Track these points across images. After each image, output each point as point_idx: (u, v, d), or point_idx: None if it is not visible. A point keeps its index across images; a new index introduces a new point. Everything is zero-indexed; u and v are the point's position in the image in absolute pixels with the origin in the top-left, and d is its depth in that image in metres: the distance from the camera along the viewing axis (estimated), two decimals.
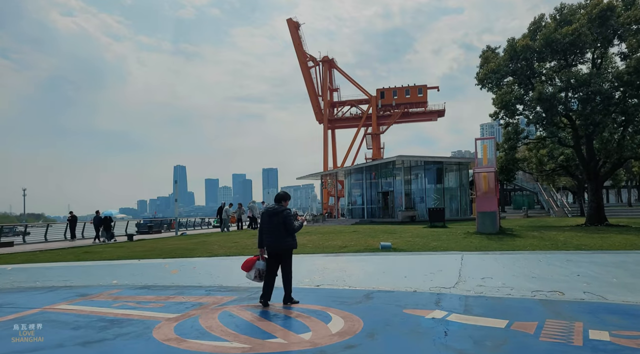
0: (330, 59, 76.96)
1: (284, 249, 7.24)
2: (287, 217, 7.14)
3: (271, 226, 7.14)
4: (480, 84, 22.96)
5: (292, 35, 75.69)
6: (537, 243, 13.39)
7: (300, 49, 75.66)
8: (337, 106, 78.63)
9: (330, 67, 77.23)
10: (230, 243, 16.00)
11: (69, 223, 25.63)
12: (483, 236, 15.56)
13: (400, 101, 73.88)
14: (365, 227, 23.05)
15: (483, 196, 16.67)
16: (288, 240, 7.20)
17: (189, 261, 11.51)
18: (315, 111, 77.04)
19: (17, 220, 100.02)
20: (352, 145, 76.03)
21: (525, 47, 20.92)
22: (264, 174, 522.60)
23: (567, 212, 43.06)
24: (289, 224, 7.12)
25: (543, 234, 16.01)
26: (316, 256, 11.87)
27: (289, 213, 7.42)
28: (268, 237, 7.19)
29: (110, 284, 9.66)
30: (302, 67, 75.78)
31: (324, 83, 75.93)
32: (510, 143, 22.65)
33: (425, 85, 74.53)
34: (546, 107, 20.87)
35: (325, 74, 76.19)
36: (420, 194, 39.99)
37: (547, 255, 11.00)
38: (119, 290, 8.96)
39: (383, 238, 15.78)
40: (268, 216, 7.23)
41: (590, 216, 22.50)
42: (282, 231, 7.09)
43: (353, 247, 13.29)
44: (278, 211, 7.17)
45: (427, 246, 13.30)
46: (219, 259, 11.75)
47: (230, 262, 11.14)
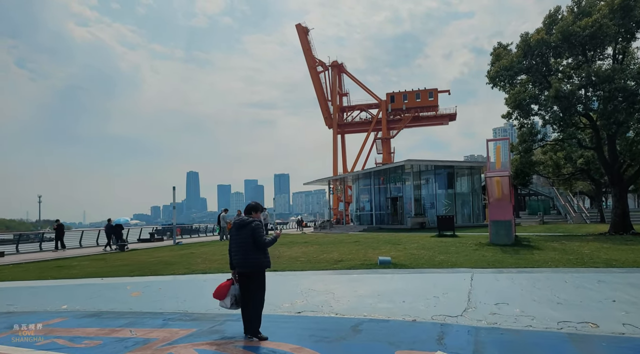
0: (340, 64, 75.52)
1: (252, 268, 5.85)
2: (256, 230, 5.80)
3: (239, 241, 5.85)
4: (492, 83, 21.21)
5: (301, 41, 74.46)
6: (560, 258, 11.65)
7: (309, 54, 74.38)
8: (346, 111, 77.03)
9: (339, 72, 75.76)
10: (217, 256, 14.52)
11: (56, 233, 24.20)
12: (497, 248, 13.83)
13: (410, 105, 72.01)
14: (370, 236, 21.41)
15: (496, 202, 14.95)
16: (257, 257, 5.83)
17: (160, 280, 10.03)
18: (324, 116, 75.57)
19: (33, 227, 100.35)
20: (362, 150, 74.32)
21: (540, 41, 19.16)
22: (276, 179, 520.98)
23: (585, 218, 40.79)
24: (257, 238, 5.77)
25: (565, 246, 14.22)
26: (304, 274, 10.30)
27: (258, 225, 5.97)
28: (236, 254, 5.87)
29: (59, 309, 8.20)
30: (312, 72, 74.45)
31: (333, 88, 74.46)
32: (525, 145, 20.84)
33: (436, 89, 72.57)
34: (564, 106, 19.06)
35: (335, 79, 74.71)
36: (431, 200, 38.18)
37: (573, 274, 9.28)
38: (62, 319, 7.49)
39: (385, 250, 14.15)
40: (236, 229, 5.92)
41: (614, 223, 20.54)
42: (250, 246, 5.76)
43: (349, 262, 11.70)
44: (246, 222, 5.86)
45: (433, 260, 11.64)
46: (192, 278, 10.25)
47: (204, 282, 9.63)
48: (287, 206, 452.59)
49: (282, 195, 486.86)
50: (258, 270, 5.87)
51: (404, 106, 72.24)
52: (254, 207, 6.17)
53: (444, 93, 73.70)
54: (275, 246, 16.32)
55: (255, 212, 6.09)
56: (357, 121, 76.63)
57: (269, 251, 6.13)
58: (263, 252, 5.84)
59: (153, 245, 26.30)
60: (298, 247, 15.94)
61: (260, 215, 6.32)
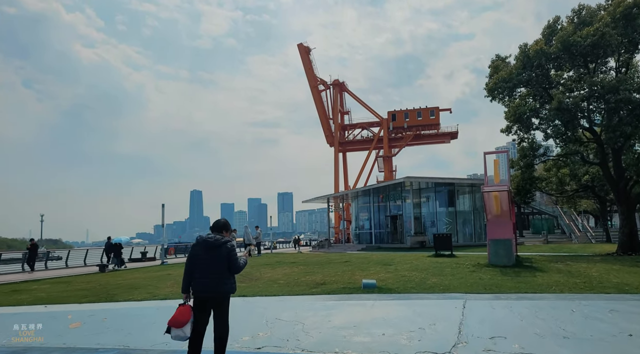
0: (341, 83, 75.10)
1: (223, 295, 5.10)
2: (233, 252, 5.11)
3: (208, 263, 5.01)
4: (490, 95, 20.16)
5: (303, 60, 74.26)
6: (565, 281, 10.38)
7: (311, 73, 74.11)
8: (348, 129, 76.24)
9: (340, 90, 75.25)
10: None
11: (29, 253, 22.61)
12: (496, 269, 12.56)
13: (412, 123, 71.16)
14: (364, 256, 20.15)
15: (495, 219, 13.72)
16: (230, 283, 5.14)
17: (109, 308, 8.73)
18: (326, 134, 74.84)
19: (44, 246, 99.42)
20: (364, 168, 73.17)
21: (539, 52, 18.17)
22: (279, 198, 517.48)
23: (590, 238, 39.25)
24: (234, 262, 5.08)
25: (570, 267, 12.93)
26: (276, 300, 9.08)
27: (233, 246, 5.18)
28: (203, 278, 5.01)
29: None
30: (313, 90, 74.03)
31: (335, 106, 73.88)
32: (526, 160, 19.67)
33: (437, 107, 71.77)
34: (566, 119, 17.96)
35: (336, 97, 74.16)
36: (431, 218, 36.91)
37: (581, 301, 8.02)
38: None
39: (374, 272, 12.92)
40: (204, 249, 5.08)
41: (622, 243, 19.18)
42: (223, 270, 5.02)
43: (331, 286, 10.47)
44: (219, 242, 5.09)
45: (424, 283, 10.40)
46: (148, 305, 8.96)
47: (157, 310, 8.42)
48: (291, 225, 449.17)
49: (286, 213, 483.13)
50: (225, 296, 5.14)
51: (406, 124, 71.46)
52: (224, 225, 5.35)
53: (445, 111, 72.87)
54: (258, 267, 15.13)
55: (226, 231, 5.32)
56: (359, 139, 75.81)
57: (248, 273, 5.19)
58: (233, 277, 5.18)
59: (142, 265, 25.15)
60: (283, 268, 14.72)
61: (230, 233, 5.53)
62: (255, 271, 14.04)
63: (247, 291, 10.03)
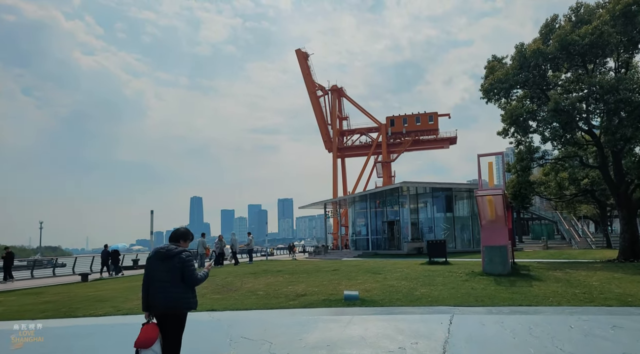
0: (339, 88, 74.62)
1: (177, 309, 4.43)
2: (187, 263, 4.47)
3: (161, 276, 4.42)
4: (486, 97, 19.42)
5: (301, 66, 73.80)
6: (564, 292, 9.57)
7: (309, 78, 73.62)
8: (346, 135, 75.65)
9: (339, 96, 74.74)
10: None
11: (4, 262, 21.68)
12: (490, 278, 11.75)
13: (410, 129, 70.55)
14: (356, 263, 19.33)
15: (490, 225, 12.93)
16: (186, 296, 4.46)
17: (63, 326, 7.88)
18: (324, 140, 74.26)
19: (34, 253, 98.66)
20: (362, 173, 72.51)
21: (536, 52, 17.44)
22: (280, 204, 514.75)
23: (590, 243, 38.33)
24: (189, 274, 4.44)
25: (569, 276, 12.11)
26: (247, 314, 8.28)
27: (189, 257, 4.56)
28: (155, 294, 4.41)
29: None
30: (311, 96, 73.53)
31: (333, 111, 73.32)
32: (523, 164, 18.90)
33: (436, 113, 71.13)
34: (564, 120, 17.20)
35: (334, 103, 73.63)
36: (429, 224, 36.12)
37: (580, 316, 7.23)
38: None
39: (361, 281, 12.12)
40: (159, 261, 4.49)
41: (623, 249, 18.35)
42: (178, 283, 4.41)
43: (311, 297, 9.68)
44: (172, 253, 4.49)
45: (411, 295, 9.60)
46: (104, 322, 8.06)
47: (111, 328, 7.59)
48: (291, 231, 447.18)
49: (286, 220, 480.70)
50: (183, 313, 4.51)
51: (404, 130, 70.89)
52: (183, 234, 4.78)
53: (444, 117, 72.25)
54: (241, 276, 14.34)
55: (184, 240, 4.73)
56: (357, 145, 75.25)
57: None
58: (192, 291, 4.54)
59: (133, 273, 24.38)
60: (267, 277, 13.91)
61: (188, 244, 4.85)
62: (238, 280, 13.26)
63: (219, 304, 9.25)
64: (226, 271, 17.54)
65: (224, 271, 17.27)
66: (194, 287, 4.57)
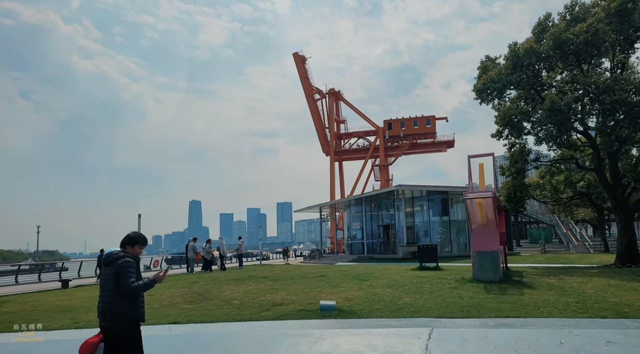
0: (337, 91, 74.03)
1: (114, 322, 3.96)
2: (122, 269, 4.00)
3: (103, 284, 4.09)
4: (479, 98, 18.83)
5: (299, 69, 73.28)
6: (556, 301, 8.93)
7: (306, 82, 73.07)
8: (344, 138, 74.98)
9: (336, 99, 74.11)
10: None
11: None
12: (480, 285, 11.09)
13: (408, 132, 69.90)
14: (345, 269, 18.68)
15: (480, 229, 12.29)
16: (122, 307, 3.97)
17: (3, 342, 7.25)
18: (321, 143, 73.61)
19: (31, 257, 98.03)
20: (360, 177, 71.77)
21: (529, 50, 16.86)
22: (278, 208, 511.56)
23: (588, 247, 37.65)
24: (122, 281, 3.94)
25: (563, 283, 11.47)
26: (211, 328, 7.62)
27: (126, 263, 4.05)
28: (99, 303, 4.07)
29: None
30: (309, 99, 73.00)
31: (330, 115, 72.70)
32: (517, 166, 18.28)
33: (434, 116, 70.49)
34: (559, 120, 16.60)
35: (332, 106, 73.00)
36: (424, 228, 35.48)
37: (572, 330, 6.59)
38: None
39: (345, 288, 11.47)
40: (104, 267, 4.14)
41: (620, 254, 17.70)
42: (115, 291, 3.97)
43: (288, 307, 9.04)
44: (111, 258, 4.09)
45: (394, 304, 8.95)
46: (51, 337, 7.41)
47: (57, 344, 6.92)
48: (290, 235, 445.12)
49: (285, 223, 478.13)
50: (122, 326, 3.97)
51: (402, 133, 70.25)
52: (131, 238, 4.27)
53: (441, 120, 71.53)
54: (222, 283, 13.69)
55: (131, 246, 4.23)
56: (355, 148, 74.62)
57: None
58: (131, 302, 4.00)
59: None
60: (248, 284, 13.25)
61: (139, 249, 4.29)
62: (217, 288, 12.60)
63: (186, 315, 8.61)
64: (211, 277, 16.90)
65: (209, 277, 16.62)
66: (134, 296, 4.01)
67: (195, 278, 16.96)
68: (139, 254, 4.38)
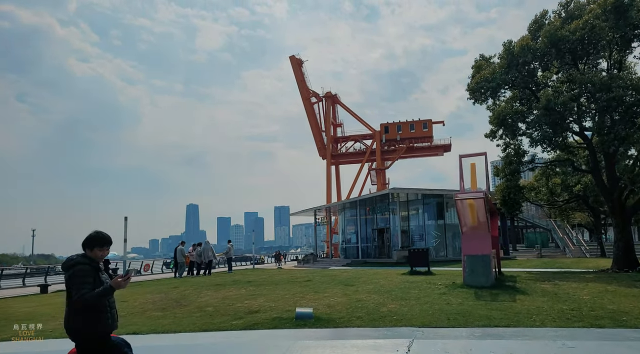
0: (334, 95, 73.58)
1: (71, 335, 3.54)
2: (73, 279, 3.48)
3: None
4: (473, 97, 18.28)
5: (295, 72, 72.86)
6: (550, 308, 8.30)
7: (303, 85, 72.63)
8: (340, 141, 74.45)
9: (333, 103, 73.62)
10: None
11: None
12: (470, 291, 10.46)
13: (404, 136, 69.44)
14: (334, 273, 18.05)
15: (471, 232, 11.67)
16: (77, 323, 3.47)
17: None
18: (318, 147, 73.08)
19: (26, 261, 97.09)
20: (357, 181, 71.20)
21: (524, 48, 16.33)
22: (276, 211, 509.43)
23: (584, 252, 37.07)
24: (74, 291, 3.43)
25: (558, 288, 10.85)
26: (173, 339, 6.96)
27: (79, 270, 3.48)
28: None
29: None
30: (305, 103, 72.48)
31: (327, 118, 72.22)
32: (512, 167, 17.70)
33: (430, 120, 70.04)
34: (555, 120, 16.03)
35: (328, 109, 72.53)
36: (420, 231, 34.82)
37: (565, 342, 5.95)
38: None
39: (329, 294, 10.83)
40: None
41: (617, 258, 17.10)
42: (68, 304, 3.53)
43: (263, 315, 8.39)
44: (67, 264, 3.60)
45: (376, 312, 8.31)
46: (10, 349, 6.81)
47: None
48: (288, 239, 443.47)
49: (282, 227, 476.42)
50: (79, 340, 3.52)
51: (398, 137, 69.81)
52: (89, 240, 3.66)
53: (438, 124, 71.14)
54: (202, 288, 13.03)
55: (90, 248, 3.65)
56: (351, 152, 74.07)
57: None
58: (90, 314, 3.46)
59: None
60: (229, 289, 12.58)
61: (99, 252, 3.68)
62: (195, 294, 11.94)
63: (151, 324, 7.95)
64: (195, 282, 16.23)
65: (192, 282, 15.95)
66: (91, 307, 3.45)
67: (179, 282, 16.29)
68: (101, 258, 3.74)
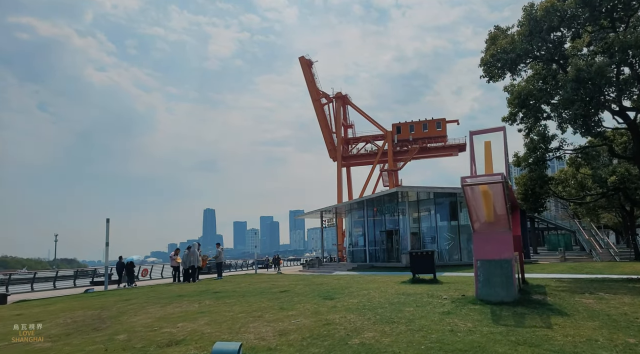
0: (344, 95, 70.82)
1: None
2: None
3: None
4: (487, 74, 15.27)
5: (305, 73, 70.46)
6: (607, 339, 5.37)
7: (313, 86, 70.18)
8: (351, 143, 71.62)
9: (344, 104, 70.86)
10: (88, 318, 8.63)
11: None
12: (485, 309, 7.54)
13: (417, 136, 66.24)
14: (326, 281, 15.21)
15: (485, 229, 8.73)
16: None
17: None
18: (328, 149, 70.40)
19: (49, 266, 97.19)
20: (368, 182, 68.13)
21: (549, 10, 13.30)
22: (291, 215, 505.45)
23: (614, 255, 33.38)
24: None
25: (607, 304, 7.85)
26: None
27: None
28: None
29: None
30: (315, 104, 69.94)
31: (337, 119, 69.49)
32: (536, 155, 14.65)
33: (444, 119, 66.69)
34: (588, 95, 12.97)
35: (339, 110, 69.78)
36: (431, 233, 31.71)
37: None
38: None
39: (295, 312, 8.03)
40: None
41: None
42: None
43: (182, 348, 5.68)
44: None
45: (342, 344, 5.48)
46: None
47: None
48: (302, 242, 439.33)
49: (297, 231, 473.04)
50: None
51: (411, 137, 66.70)
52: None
53: (452, 123, 67.68)
54: (152, 301, 10.35)
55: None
56: (362, 153, 71.17)
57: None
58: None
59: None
60: (180, 304, 9.82)
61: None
62: (133, 310, 9.21)
63: None
64: (162, 291, 13.64)
65: (154, 293, 13.32)
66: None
67: (139, 292, 13.66)
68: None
